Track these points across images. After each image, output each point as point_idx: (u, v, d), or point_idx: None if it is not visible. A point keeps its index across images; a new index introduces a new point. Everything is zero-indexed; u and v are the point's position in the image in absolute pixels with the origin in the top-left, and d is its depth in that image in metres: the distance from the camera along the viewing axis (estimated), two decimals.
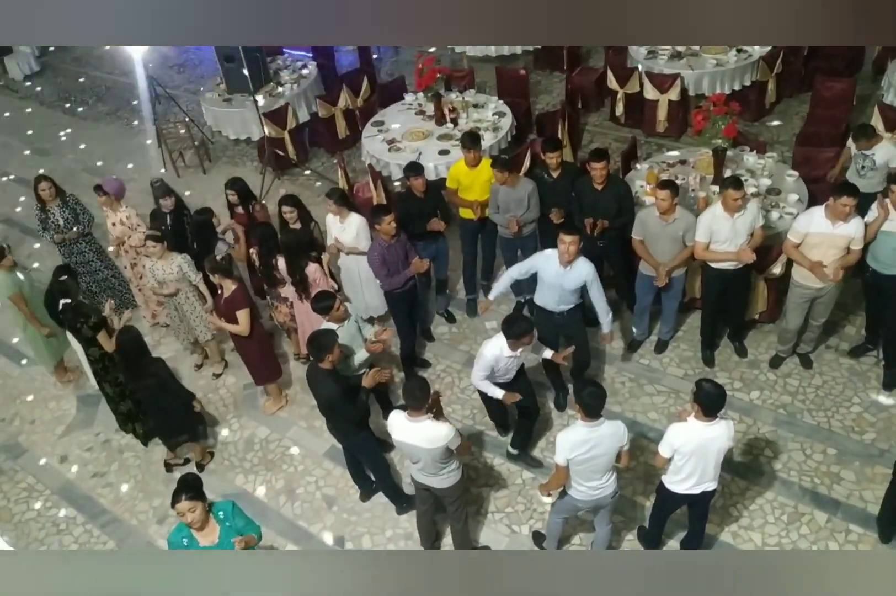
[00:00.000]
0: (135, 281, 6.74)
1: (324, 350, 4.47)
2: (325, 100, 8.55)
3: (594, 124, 8.78)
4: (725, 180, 5.20)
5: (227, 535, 3.87)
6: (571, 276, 5.01)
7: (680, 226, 5.26)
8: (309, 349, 4.61)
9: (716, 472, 4.09)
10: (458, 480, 4.43)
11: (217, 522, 3.89)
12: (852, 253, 5.05)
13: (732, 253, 5.20)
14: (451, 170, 6.28)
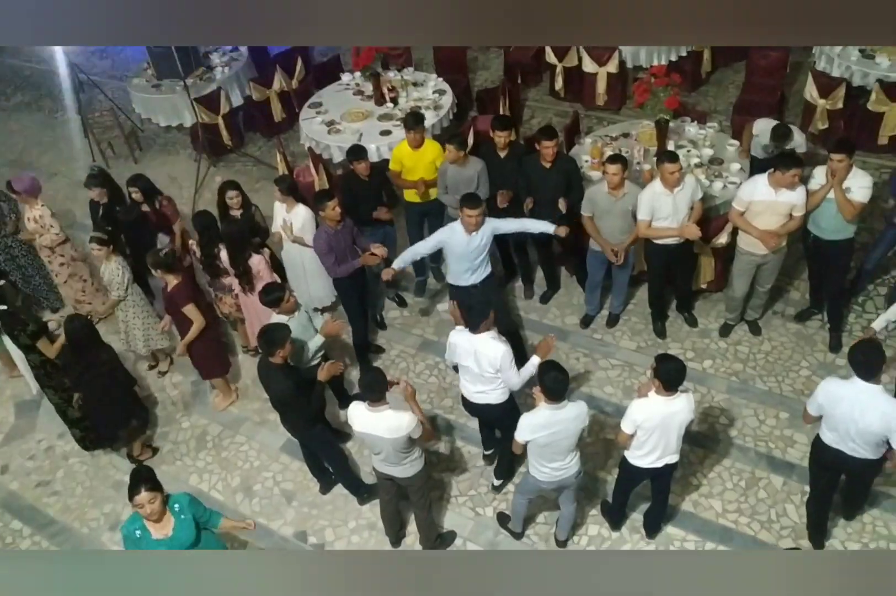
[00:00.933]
0: (58, 279, 6.45)
1: (275, 345, 4.34)
2: (259, 82, 8.28)
3: (534, 99, 8.71)
4: (661, 155, 5.20)
5: (181, 528, 3.82)
6: (477, 238, 5.11)
7: (630, 200, 5.24)
8: (259, 344, 4.47)
9: (678, 444, 4.12)
10: (421, 468, 4.37)
11: (172, 514, 3.84)
12: (794, 219, 5.10)
13: (675, 229, 5.22)
14: (394, 152, 6.13)
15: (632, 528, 4.72)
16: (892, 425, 3.74)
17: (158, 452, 5.59)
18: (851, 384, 3.86)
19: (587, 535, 4.73)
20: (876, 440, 3.88)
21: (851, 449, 3.98)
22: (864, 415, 3.80)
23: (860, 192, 4.95)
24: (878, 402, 3.77)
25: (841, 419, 3.91)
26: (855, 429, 3.87)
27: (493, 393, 4.55)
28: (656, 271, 5.66)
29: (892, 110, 6.97)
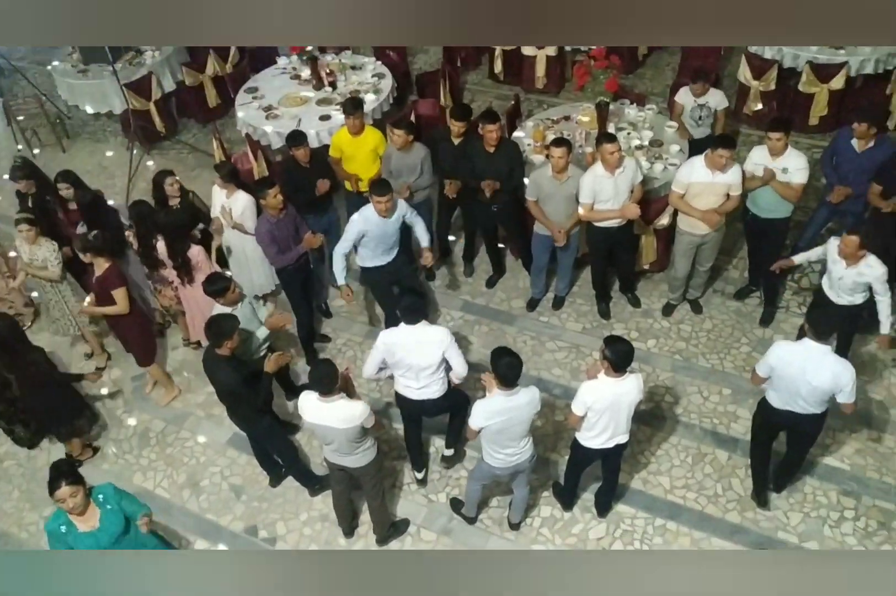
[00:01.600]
0: None
1: (223, 336, 4.23)
2: (192, 67, 8.03)
3: (474, 83, 8.66)
4: (600, 137, 5.23)
5: (108, 518, 3.78)
6: (392, 222, 5.19)
7: (574, 184, 5.26)
8: (207, 335, 4.34)
9: (627, 425, 4.17)
10: (374, 458, 4.33)
11: (97, 505, 3.78)
12: (731, 199, 5.20)
13: (617, 211, 5.26)
14: (333, 138, 6.02)
15: (583, 508, 4.77)
16: (841, 383, 3.96)
17: (99, 450, 5.41)
18: (802, 346, 4.05)
19: (540, 516, 4.77)
20: (824, 397, 4.09)
21: (802, 407, 4.16)
22: (815, 374, 3.98)
23: (798, 174, 5.07)
24: (828, 361, 3.98)
25: (792, 379, 4.07)
26: (806, 388, 4.04)
27: (437, 384, 4.51)
28: (599, 254, 5.70)
29: (821, 91, 7.16)
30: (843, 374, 3.96)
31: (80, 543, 3.72)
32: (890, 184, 5.06)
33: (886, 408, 5.12)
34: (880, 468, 4.80)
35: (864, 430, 5.01)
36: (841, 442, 4.95)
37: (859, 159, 5.24)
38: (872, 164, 5.20)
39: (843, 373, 3.96)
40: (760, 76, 7.31)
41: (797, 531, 4.55)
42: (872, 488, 4.71)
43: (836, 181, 5.36)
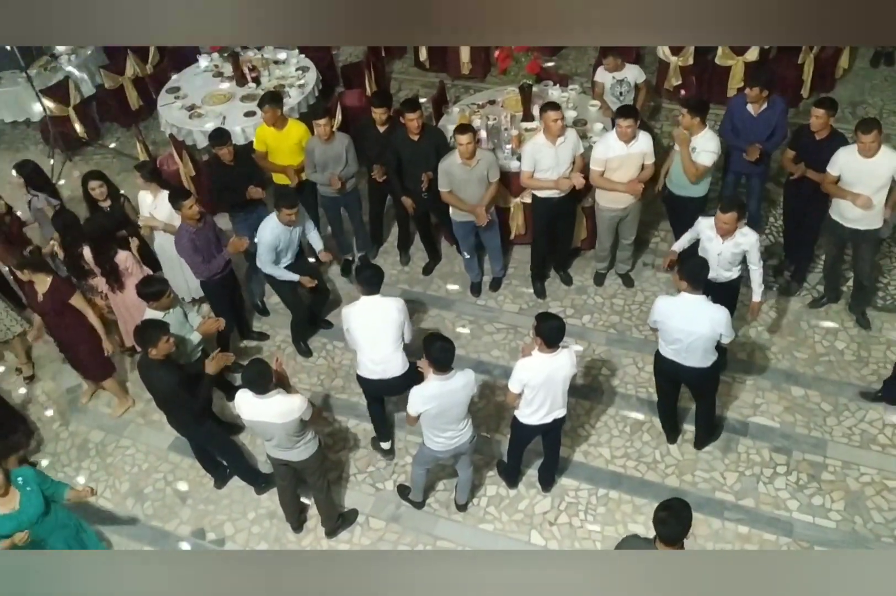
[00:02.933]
0: None
1: (153, 340, 4.18)
2: (110, 69, 7.87)
3: (400, 71, 8.65)
4: (544, 105, 5.28)
5: (27, 500, 3.91)
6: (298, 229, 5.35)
7: (483, 166, 5.31)
8: (137, 341, 4.29)
9: (564, 399, 4.24)
10: (315, 450, 4.33)
11: (16, 488, 3.89)
12: (647, 167, 5.34)
13: (552, 181, 5.31)
14: (258, 132, 5.96)
15: (528, 484, 4.83)
16: (718, 327, 4.21)
17: (37, 465, 5.29)
18: (680, 298, 4.28)
19: (486, 496, 4.82)
20: (706, 346, 4.30)
21: (684, 358, 4.39)
22: (694, 322, 4.22)
23: (704, 156, 5.18)
24: (705, 309, 4.23)
25: (675, 329, 4.31)
26: (687, 337, 4.27)
27: (397, 358, 4.61)
28: (541, 228, 5.74)
29: (737, 64, 7.33)
30: (718, 317, 4.19)
31: (1, 526, 3.81)
32: (803, 150, 5.21)
33: (811, 365, 5.29)
34: (808, 423, 4.96)
35: (791, 387, 5.17)
36: (770, 401, 5.09)
37: (756, 122, 5.44)
38: (769, 125, 5.44)
39: (719, 316, 4.20)
40: (678, 52, 7.45)
41: (734, 490, 4.68)
42: (801, 443, 4.87)
43: (742, 145, 5.50)
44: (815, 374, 5.24)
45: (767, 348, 5.44)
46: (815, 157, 5.08)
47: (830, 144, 5.02)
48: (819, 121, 5.00)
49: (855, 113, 7.42)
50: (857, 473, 4.68)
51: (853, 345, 5.41)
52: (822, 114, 4.97)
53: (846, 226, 5.10)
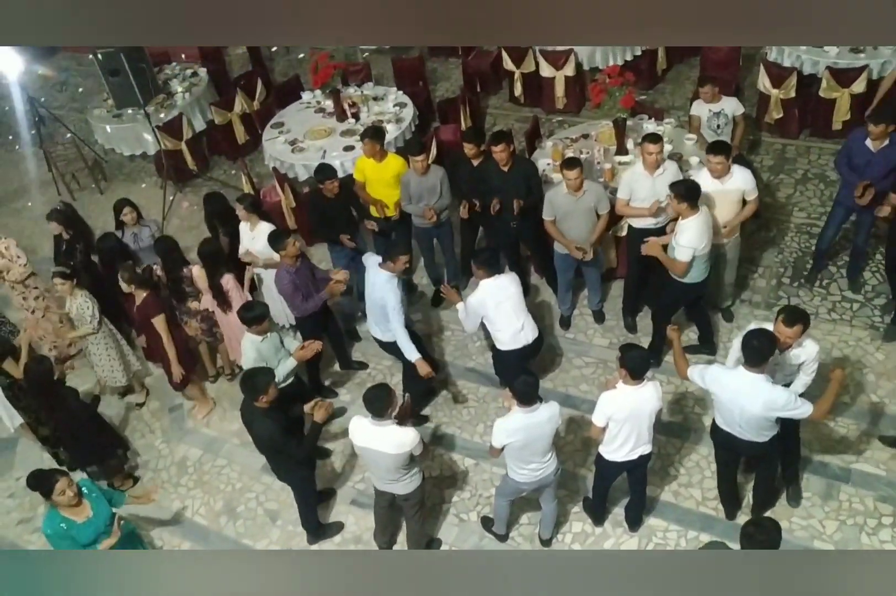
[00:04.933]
0: (35, 315, 6.28)
1: (259, 391, 4.19)
2: (220, 106, 8.32)
3: (495, 107, 8.79)
4: (644, 136, 5.29)
5: (97, 505, 4.14)
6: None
7: (590, 198, 5.31)
8: (243, 389, 4.30)
9: (650, 434, 4.16)
10: (419, 484, 4.36)
11: (84, 497, 4.11)
12: (749, 204, 5.23)
13: (646, 208, 5.29)
14: (358, 162, 6.18)
15: (614, 522, 4.73)
16: (771, 413, 3.86)
17: (139, 480, 5.56)
18: (735, 372, 3.92)
19: (571, 532, 4.74)
20: (760, 424, 3.97)
21: (739, 432, 4.09)
22: (747, 402, 3.87)
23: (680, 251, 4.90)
24: (760, 390, 3.82)
25: (727, 405, 4.01)
26: (739, 415, 3.96)
27: (530, 322, 5.05)
28: (636, 259, 5.61)
29: (842, 96, 7.09)
30: (776, 399, 3.80)
31: (83, 534, 4.04)
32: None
33: None
34: None
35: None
36: (876, 447, 4.82)
37: (876, 158, 5.21)
38: (889, 162, 5.19)
39: (777, 398, 3.80)
40: (780, 84, 7.28)
41: (833, 540, 4.45)
42: None
43: (856, 180, 5.30)
44: None
45: (873, 392, 5.17)
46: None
47: None
48: None
49: None
50: None
51: None
52: None
53: None
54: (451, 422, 5.54)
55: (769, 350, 3.80)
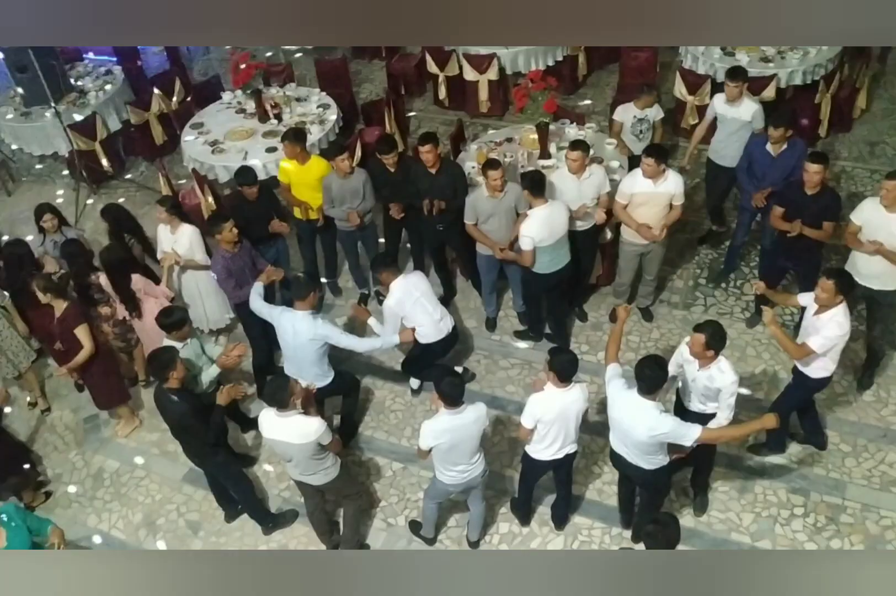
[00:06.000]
0: None
1: (166, 367, 4.24)
2: (137, 105, 8.06)
3: (419, 109, 8.80)
4: (570, 143, 5.38)
5: (14, 536, 3.93)
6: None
7: (511, 198, 5.36)
8: (150, 369, 4.35)
9: (576, 434, 4.22)
10: (337, 475, 4.35)
11: (2, 525, 3.91)
12: (674, 209, 5.35)
13: (574, 211, 5.36)
14: (282, 164, 6.07)
15: (541, 521, 4.79)
16: (654, 439, 3.84)
17: (52, 495, 5.31)
18: (629, 394, 3.90)
19: (498, 533, 4.77)
20: (646, 449, 3.94)
21: (626, 453, 4.08)
22: (632, 426, 3.88)
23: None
24: (647, 416, 3.81)
25: (617, 423, 4.02)
26: (626, 436, 3.98)
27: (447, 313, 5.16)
28: None
29: None
30: (659, 426, 3.79)
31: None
32: (790, 206, 5.10)
33: (830, 406, 5.23)
34: (826, 465, 4.89)
35: None
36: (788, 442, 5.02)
37: (775, 162, 5.42)
38: (787, 167, 5.38)
39: (660, 426, 3.79)
40: (695, 91, 7.54)
41: (749, 531, 4.61)
42: (819, 484, 4.80)
43: (754, 188, 5.51)
44: (833, 415, 5.18)
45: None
46: (806, 212, 4.96)
47: (820, 200, 4.94)
48: (817, 176, 4.84)
49: (873, 153, 7.47)
50: (876, 516, 4.60)
51: (872, 385, 5.34)
52: (819, 169, 4.82)
53: (860, 283, 4.82)
54: (378, 426, 5.50)
55: (661, 379, 3.79)
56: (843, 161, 7.42)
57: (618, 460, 4.24)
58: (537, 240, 5.09)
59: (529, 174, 5.21)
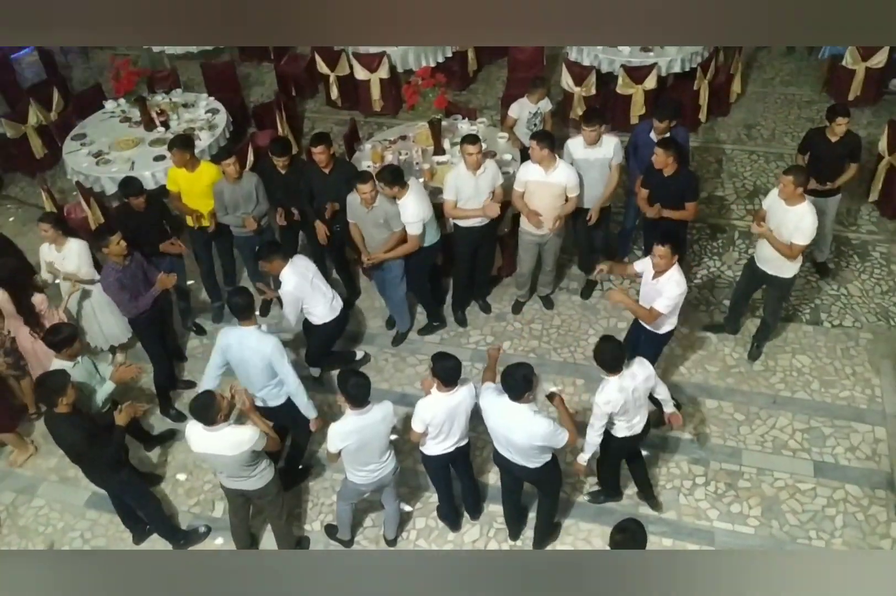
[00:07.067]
0: None
1: (56, 393, 4.04)
2: (12, 118, 7.70)
3: (312, 111, 8.72)
4: (462, 138, 5.40)
5: None
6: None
7: (379, 213, 5.28)
8: (38, 395, 4.15)
9: (465, 429, 4.26)
10: (271, 478, 4.28)
11: None
12: (570, 201, 5.44)
13: (479, 209, 5.42)
14: (170, 172, 5.90)
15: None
16: (535, 441, 3.86)
17: None
18: (501, 400, 3.90)
19: (415, 529, 4.78)
20: (527, 452, 3.97)
21: (510, 456, 4.08)
22: (511, 430, 3.89)
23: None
24: (524, 421, 3.83)
25: (494, 430, 4.03)
26: (506, 441, 3.99)
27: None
28: (464, 257, 5.79)
29: (637, 92, 7.65)
30: (536, 430, 3.81)
31: None
32: (652, 189, 5.38)
33: (723, 377, 5.48)
34: (723, 434, 5.11)
35: (705, 400, 5.33)
36: (686, 414, 5.21)
37: None
38: None
39: (537, 429, 3.81)
40: (581, 82, 7.75)
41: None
42: (718, 453, 5.01)
43: (640, 171, 5.71)
44: (726, 385, 5.43)
45: (680, 363, 5.61)
46: (664, 193, 5.27)
47: (677, 181, 5.23)
48: (659, 158, 5.14)
49: (750, 135, 7.84)
50: (771, 479, 4.84)
51: (761, 356, 5.61)
52: (661, 152, 5.10)
53: (758, 265, 5.17)
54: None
55: (524, 384, 3.79)
56: (722, 144, 7.76)
57: (502, 463, 4.20)
58: (426, 219, 5.26)
59: (384, 170, 5.22)
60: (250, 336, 4.48)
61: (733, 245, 6.59)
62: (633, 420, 4.25)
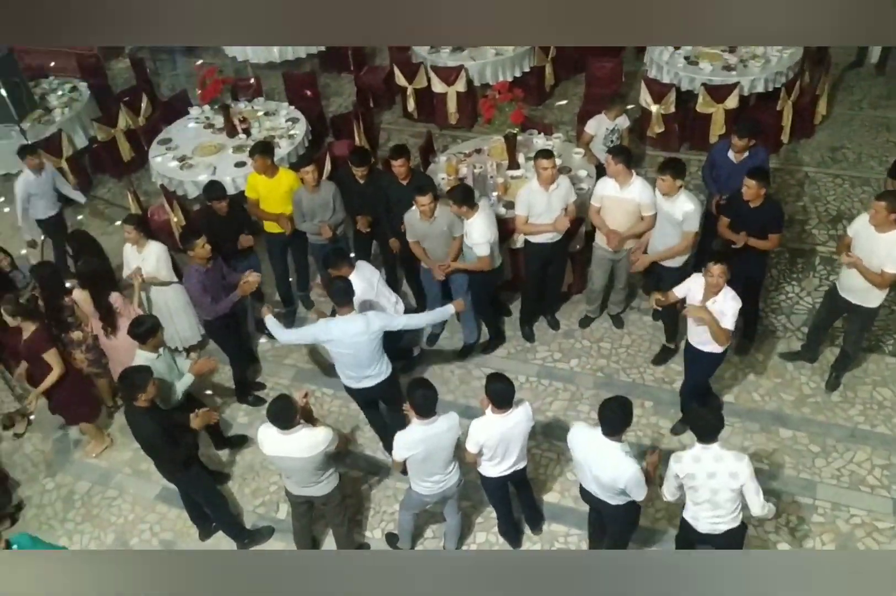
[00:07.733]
0: None
1: (137, 388, 4.18)
2: (103, 122, 8.01)
3: (389, 122, 8.83)
4: (537, 152, 5.39)
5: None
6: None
7: (442, 222, 5.31)
8: (121, 388, 4.30)
9: (522, 452, 4.23)
10: (337, 484, 4.34)
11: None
12: (644, 220, 5.34)
13: (549, 224, 5.40)
14: (249, 179, 6.06)
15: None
16: (618, 484, 3.75)
17: (20, 519, 5.21)
18: (593, 434, 3.82)
19: (475, 543, 4.77)
20: (611, 489, 3.87)
21: (594, 491, 4.01)
22: (597, 466, 3.82)
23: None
24: (612, 458, 3.74)
25: (580, 464, 3.97)
26: (591, 475, 3.91)
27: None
28: (534, 273, 5.78)
29: (718, 111, 7.50)
30: (622, 474, 3.71)
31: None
32: (735, 217, 5.18)
33: (798, 407, 5.31)
34: (797, 465, 4.95)
35: (779, 429, 5.18)
36: (758, 443, 5.08)
37: (737, 169, 5.46)
38: None
39: (623, 473, 3.70)
40: (660, 100, 7.65)
41: None
42: (791, 485, 4.85)
43: (716, 191, 5.60)
44: (802, 415, 5.26)
45: (754, 390, 5.46)
46: (746, 222, 5.08)
47: (763, 212, 5.04)
48: (750, 191, 4.94)
49: (835, 158, 7.62)
50: (846, 515, 4.66)
51: (839, 386, 5.42)
52: (754, 185, 4.90)
53: (841, 294, 5.01)
54: (352, 439, 5.47)
55: (623, 420, 3.72)
56: (805, 167, 7.56)
57: (587, 497, 4.16)
58: (493, 240, 5.24)
59: (456, 189, 5.27)
60: (354, 322, 4.56)
61: (814, 271, 6.39)
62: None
